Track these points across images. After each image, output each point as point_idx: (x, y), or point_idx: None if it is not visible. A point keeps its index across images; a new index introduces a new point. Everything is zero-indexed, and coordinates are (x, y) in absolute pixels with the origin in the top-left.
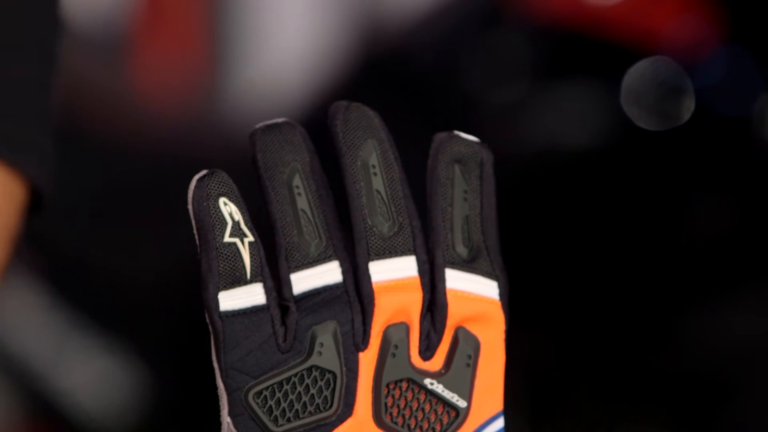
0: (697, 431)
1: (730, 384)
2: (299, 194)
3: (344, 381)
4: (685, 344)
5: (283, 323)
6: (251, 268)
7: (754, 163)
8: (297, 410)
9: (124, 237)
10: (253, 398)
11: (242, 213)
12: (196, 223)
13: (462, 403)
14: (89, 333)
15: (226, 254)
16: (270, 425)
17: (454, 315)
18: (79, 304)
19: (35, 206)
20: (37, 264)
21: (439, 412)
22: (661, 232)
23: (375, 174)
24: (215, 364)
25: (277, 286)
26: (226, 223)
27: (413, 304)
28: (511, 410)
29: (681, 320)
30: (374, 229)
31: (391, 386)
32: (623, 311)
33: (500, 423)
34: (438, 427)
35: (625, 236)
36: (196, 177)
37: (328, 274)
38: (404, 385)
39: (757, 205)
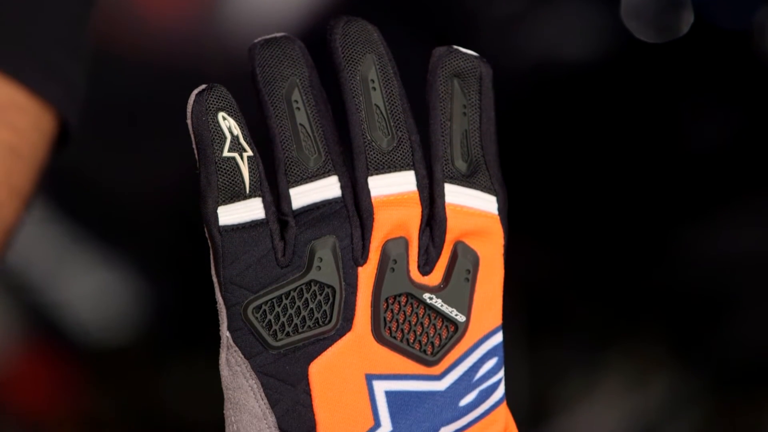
0: (693, 344)
1: (726, 297)
2: (298, 109)
3: (343, 296)
4: (682, 258)
5: (282, 238)
6: (250, 183)
7: (752, 76)
8: (296, 325)
9: (123, 150)
10: (252, 313)
11: (241, 127)
12: (195, 138)
13: (461, 318)
14: (88, 246)
15: (225, 169)
16: (269, 339)
17: (453, 229)
18: (78, 218)
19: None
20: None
21: (438, 327)
22: (659, 145)
23: (374, 88)
24: (214, 279)
25: (276, 201)
26: (225, 138)
27: (412, 218)
28: (509, 325)
29: (678, 234)
30: (373, 143)
31: (390, 301)
32: (621, 225)
33: (499, 337)
34: (437, 342)
35: (622, 149)
36: (195, 91)
37: (327, 188)
38: (403, 299)
39: (756, 118)
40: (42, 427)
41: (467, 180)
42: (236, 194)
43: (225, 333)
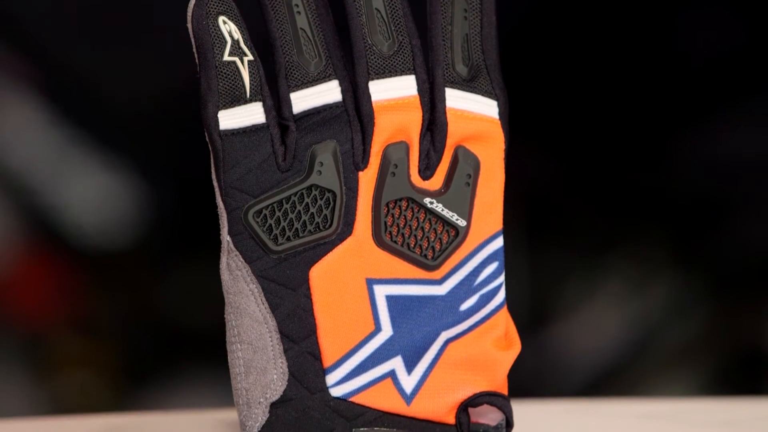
0: (694, 247)
1: (727, 200)
2: (298, 13)
3: (344, 200)
4: (683, 161)
5: (283, 142)
6: (251, 87)
7: None
8: (297, 229)
9: (125, 53)
10: (253, 217)
11: (242, 32)
12: (195, 42)
13: (461, 222)
14: (88, 149)
15: (225, 73)
16: (270, 244)
17: (454, 134)
18: (79, 120)
19: None
20: (36, 80)
21: (439, 231)
22: (659, 48)
23: None
24: (215, 183)
25: (277, 106)
26: (225, 42)
27: (413, 123)
28: (510, 229)
29: (679, 137)
30: (374, 48)
31: (391, 205)
32: (621, 129)
33: (500, 242)
34: (437, 246)
35: (623, 52)
36: None
37: (328, 93)
38: (404, 204)
39: (756, 20)
40: (39, 330)
41: (468, 84)
42: (237, 98)
43: (225, 237)
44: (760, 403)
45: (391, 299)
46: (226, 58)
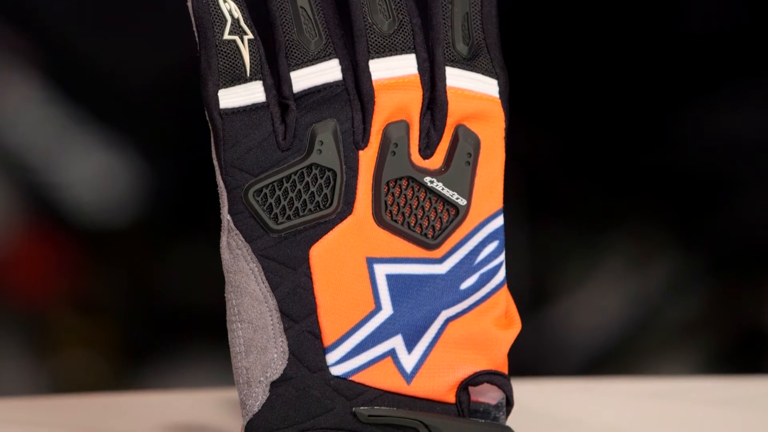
0: (695, 225)
1: (728, 178)
2: None
3: (344, 179)
4: (683, 139)
5: (283, 121)
6: (251, 66)
7: None
8: (297, 208)
9: (124, 32)
10: (253, 196)
11: (242, 10)
12: (195, 20)
13: (462, 201)
14: (88, 127)
15: (225, 52)
16: (270, 223)
17: (454, 113)
18: (79, 99)
19: None
20: (36, 58)
21: (439, 210)
22: (660, 24)
23: None
24: (215, 162)
25: (277, 84)
26: (225, 21)
27: (413, 102)
28: (510, 208)
29: (680, 115)
30: (374, 26)
31: (391, 184)
32: (622, 107)
33: (500, 221)
34: (438, 225)
35: (624, 29)
36: None
37: (328, 72)
38: (404, 183)
39: None
40: (38, 309)
41: (468, 63)
42: (237, 77)
43: (226, 216)
44: (760, 382)
45: (391, 278)
46: (226, 36)
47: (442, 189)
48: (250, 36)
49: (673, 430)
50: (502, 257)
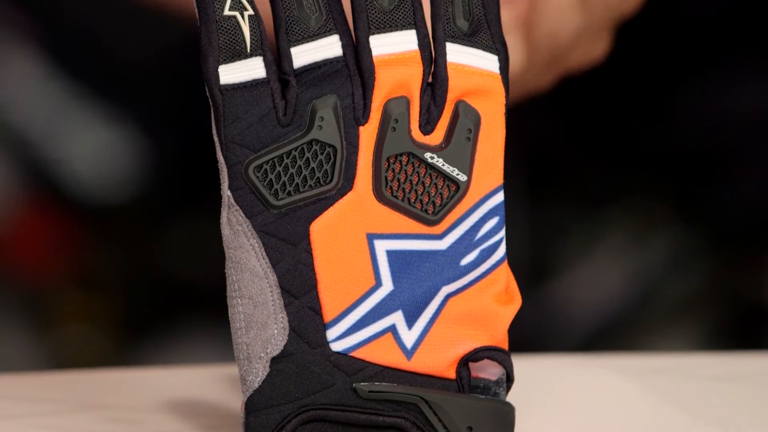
0: (695, 200)
1: (727, 154)
2: None
3: (344, 155)
4: (684, 115)
5: (283, 97)
6: (251, 42)
7: None
8: (297, 184)
9: (125, 6)
10: (254, 172)
11: None
12: None
13: (462, 177)
14: (89, 103)
15: (225, 27)
16: (270, 199)
17: (455, 89)
18: (79, 74)
19: None
20: (36, 33)
21: (440, 186)
22: (660, 1)
23: None
24: (215, 138)
25: (277, 60)
26: None
27: (414, 77)
28: (510, 184)
29: (680, 91)
30: (374, 2)
31: (392, 160)
32: (622, 81)
33: (500, 197)
34: (438, 201)
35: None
36: None
37: (329, 47)
38: (404, 159)
39: None
40: (39, 285)
41: (469, 39)
42: (237, 53)
43: (226, 192)
44: (760, 357)
45: (391, 254)
46: (227, 12)
47: (443, 165)
48: (251, 12)
49: (673, 406)
50: (502, 233)
